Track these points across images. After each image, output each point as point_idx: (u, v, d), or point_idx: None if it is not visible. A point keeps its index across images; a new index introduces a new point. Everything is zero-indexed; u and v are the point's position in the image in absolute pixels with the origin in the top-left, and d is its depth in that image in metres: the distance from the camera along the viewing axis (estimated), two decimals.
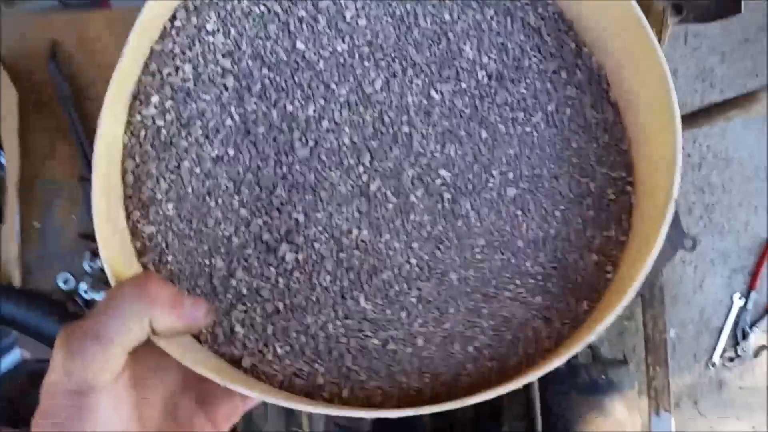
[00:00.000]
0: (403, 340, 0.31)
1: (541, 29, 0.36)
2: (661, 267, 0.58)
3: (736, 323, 1.23)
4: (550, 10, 0.37)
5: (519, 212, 0.33)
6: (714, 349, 1.23)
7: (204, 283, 0.31)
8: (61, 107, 0.57)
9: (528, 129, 0.34)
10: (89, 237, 0.59)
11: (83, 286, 0.59)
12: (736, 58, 1.28)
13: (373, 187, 0.32)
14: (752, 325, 1.23)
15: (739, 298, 1.24)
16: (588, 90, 0.36)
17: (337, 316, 0.31)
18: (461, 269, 0.32)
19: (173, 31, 0.33)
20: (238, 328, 0.31)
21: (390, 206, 0.32)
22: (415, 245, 0.32)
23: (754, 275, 1.24)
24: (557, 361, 0.27)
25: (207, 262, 0.31)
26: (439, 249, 0.32)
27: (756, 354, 1.23)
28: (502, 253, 0.32)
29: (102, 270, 0.58)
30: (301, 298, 0.31)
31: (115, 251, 0.29)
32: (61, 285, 0.60)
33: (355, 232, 0.31)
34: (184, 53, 0.33)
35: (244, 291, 0.31)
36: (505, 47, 0.35)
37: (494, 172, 0.33)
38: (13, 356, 0.56)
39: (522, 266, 0.32)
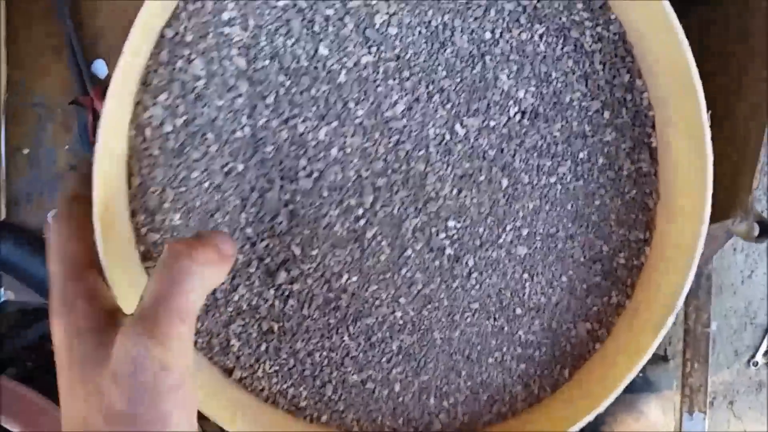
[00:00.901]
0: (381, 383, 0.32)
1: (594, 55, 0.33)
2: (712, 254, 0.55)
3: None
4: (611, 29, 0.33)
5: (525, 275, 0.32)
6: (758, 347, 1.18)
7: (207, 294, 0.31)
8: (55, 12, 0.51)
9: (552, 180, 0.32)
10: None
11: None
12: None
13: (368, 234, 0.31)
14: None
15: None
16: (629, 134, 0.33)
17: (323, 347, 0.32)
18: (446, 330, 0.32)
19: (184, 15, 0.30)
20: (234, 341, 0.32)
21: (383, 257, 0.31)
22: (402, 300, 0.32)
23: None
24: None
25: None
26: (426, 308, 0.32)
27: None
28: (495, 319, 0.32)
29: None
30: (293, 323, 0.32)
31: (117, 258, 0.29)
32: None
33: (345, 276, 0.31)
34: (197, 44, 0.30)
35: (244, 306, 0.32)
36: (548, 77, 0.32)
37: (508, 227, 0.32)
38: None
39: (513, 335, 0.32)
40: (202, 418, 0.30)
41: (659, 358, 0.97)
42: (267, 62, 0.31)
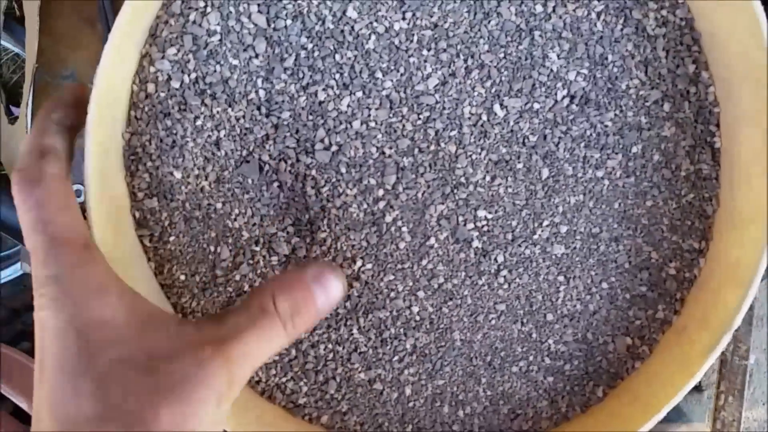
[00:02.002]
0: (390, 384, 0.29)
1: (657, 40, 0.29)
2: None
3: None
4: (678, 14, 0.29)
5: (561, 278, 0.29)
6: None
7: (205, 271, 0.29)
8: None
9: (600, 174, 0.28)
10: None
11: None
12: None
13: (388, 219, 0.28)
14: None
15: None
16: (690, 131, 0.29)
17: (329, 339, 0.29)
18: (467, 331, 0.29)
19: None
20: None
21: (402, 245, 0.28)
22: (420, 294, 0.29)
23: None
24: None
25: (212, 249, 0.29)
26: (447, 305, 0.28)
27: None
28: (523, 324, 0.29)
29: None
30: None
31: (108, 225, 0.26)
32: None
33: (358, 263, 0.28)
34: None
35: (246, 287, 0.29)
36: (603, 60, 0.28)
37: (545, 223, 0.28)
38: (14, 269, 0.53)
39: (542, 343, 0.29)
40: None
41: (693, 388, 0.91)
42: (289, 22, 0.28)
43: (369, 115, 0.28)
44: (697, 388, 0.90)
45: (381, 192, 0.28)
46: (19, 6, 0.51)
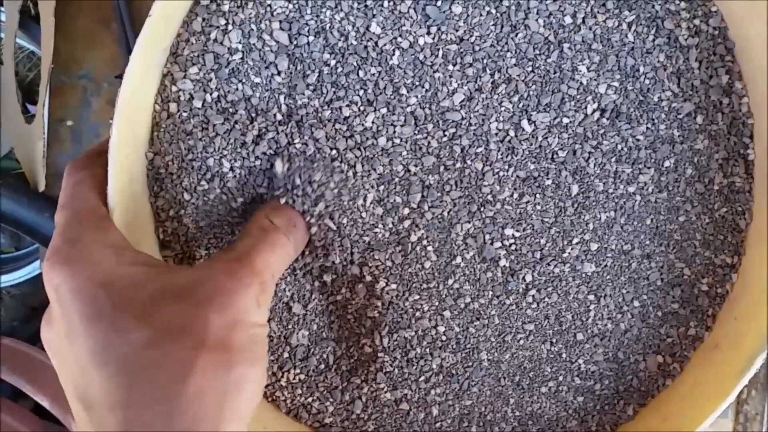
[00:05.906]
0: (417, 404, 0.29)
1: (689, 51, 0.28)
2: None
3: None
4: (711, 23, 0.28)
5: (591, 296, 0.28)
6: None
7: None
8: None
9: (631, 189, 0.28)
10: None
11: None
12: None
13: (413, 238, 0.27)
14: None
15: None
16: (723, 144, 0.29)
17: (352, 357, 0.28)
18: (495, 351, 0.29)
19: None
20: None
21: (428, 265, 0.28)
22: (446, 314, 0.28)
23: None
24: None
25: None
26: (474, 325, 0.28)
27: None
28: (552, 344, 0.28)
29: None
30: (323, 326, 0.28)
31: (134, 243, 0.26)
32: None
33: (381, 283, 0.28)
34: (235, 14, 0.27)
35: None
36: (635, 72, 0.28)
37: (575, 240, 0.28)
38: (33, 267, 0.53)
39: (572, 363, 0.28)
40: None
41: None
42: (311, 38, 0.27)
43: (394, 132, 0.27)
44: None
45: (406, 210, 0.28)
46: (34, 5, 0.51)
